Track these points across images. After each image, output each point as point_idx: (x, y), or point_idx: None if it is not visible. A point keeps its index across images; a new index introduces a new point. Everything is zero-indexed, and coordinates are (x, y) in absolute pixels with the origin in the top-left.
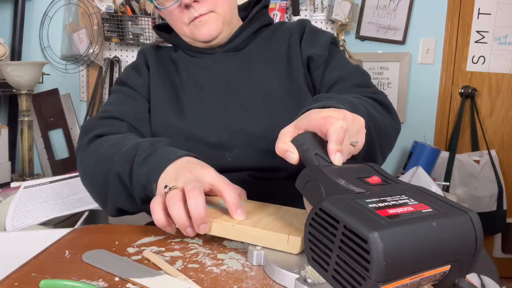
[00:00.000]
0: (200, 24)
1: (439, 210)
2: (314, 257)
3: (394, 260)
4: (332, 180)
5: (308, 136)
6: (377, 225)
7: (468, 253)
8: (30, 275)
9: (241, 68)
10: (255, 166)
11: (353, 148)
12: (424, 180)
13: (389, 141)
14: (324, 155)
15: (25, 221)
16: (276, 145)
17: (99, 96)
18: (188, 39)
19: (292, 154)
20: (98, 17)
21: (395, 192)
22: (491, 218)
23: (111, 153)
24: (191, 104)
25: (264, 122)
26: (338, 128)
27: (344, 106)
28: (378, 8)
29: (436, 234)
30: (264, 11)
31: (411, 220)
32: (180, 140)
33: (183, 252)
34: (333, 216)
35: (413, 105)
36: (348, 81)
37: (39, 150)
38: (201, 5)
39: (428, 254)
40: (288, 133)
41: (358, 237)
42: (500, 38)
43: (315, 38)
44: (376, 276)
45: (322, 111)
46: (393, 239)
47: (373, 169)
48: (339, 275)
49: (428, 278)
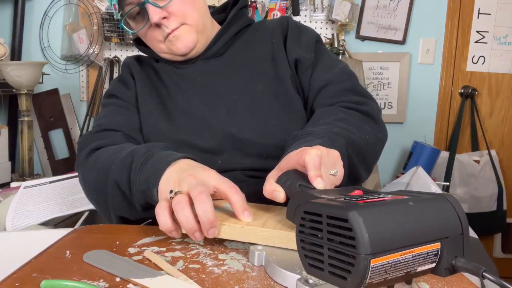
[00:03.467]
0: (175, 39)
1: (416, 196)
2: (310, 263)
3: (377, 232)
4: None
5: (289, 172)
6: (354, 206)
7: (455, 231)
8: (31, 275)
9: (223, 74)
10: (246, 168)
11: (334, 178)
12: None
13: (374, 156)
14: (307, 184)
15: (25, 221)
16: (263, 188)
17: (99, 96)
18: (166, 55)
19: (279, 192)
20: (98, 17)
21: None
22: (491, 218)
23: (108, 163)
24: (178, 111)
25: (252, 126)
26: (313, 155)
27: (322, 140)
28: (378, 8)
29: (414, 211)
30: (242, 12)
31: (387, 202)
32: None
33: (184, 252)
34: (316, 213)
35: (413, 105)
36: (336, 86)
37: (39, 150)
38: (170, 21)
39: (410, 228)
40: (272, 176)
41: (340, 219)
42: (500, 38)
43: (299, 37)
44: (363, 248)
45: (298, 149)
46: (371, 214)
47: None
48: (334, 268)
49: (421, 257)
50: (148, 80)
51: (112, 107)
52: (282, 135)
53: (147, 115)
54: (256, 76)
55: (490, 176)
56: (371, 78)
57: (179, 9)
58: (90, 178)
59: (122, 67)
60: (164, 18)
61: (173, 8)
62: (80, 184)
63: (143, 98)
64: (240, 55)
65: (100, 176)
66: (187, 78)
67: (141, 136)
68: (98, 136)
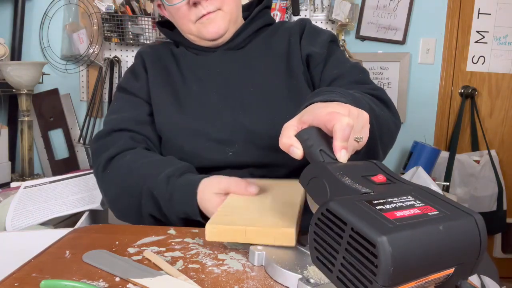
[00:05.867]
0: (208, 21)
1: (445, 213)
2: (318, 257)
3: (402, 265)
4: (337, 178)
5: (312, 131)
6: (385, 229)
7: (473, 256)
8: (31, 275)
9: (241, 66)
10: (256, 161)
11: (357, 144)
12: (424, 180)
13: (390, 137)
14: (329, 152)
15: (25, 221)
16: (279, 139)
17: (99, 96)
18: (193, 37)
19: (296, 149)
20: (98, 17)
21: (400, 193)
22: (491, 218)
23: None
24: (192, 99)
25: (265, 119)
26: (344, 125)
27: (347, 100)
28: (378, 8)
29: (442, 238)
30: (265, 11)
31: (418, 223)
32: (183, 136)
33: (184, 252)
34: (340, 218)
35: (413, 105)
36: (347, 78)
37: (39, 150)
38: (209, 3)
39: (434, 258)
40: (292, 127)
41: (366, 240)
42: (500, 38)
43: (314, 37)
44: (383, 280)
45: (327, 106)
46: (401, 243)
47: (378, 167)
48: (344, 277)
49: (432, 281)
50: (162, 69)
51: (120, 102)
52: None
53: (160, 106)
54: (271, 72)
55: (490, 176)
56: (371, 78)
57: None
58: (111, 193)
59: (135, 57)
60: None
61: None
62: (101, 194)
63: (156, 89)
64: (259, 50)
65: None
66: (205, 66)
67: (148, 129)
68: (108, 142)
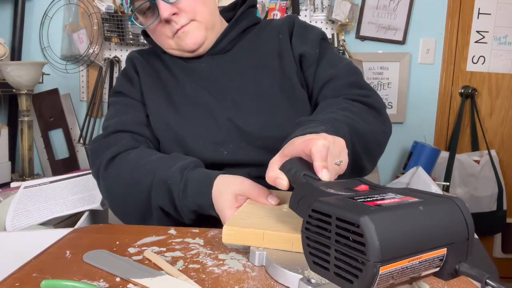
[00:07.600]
0: (184, 35)
1: (425, 199)
2: (314, 261)
3: (388, 239)
4: (322, 190)
5: (294, 160)
6: (366, 211)
7: (462, 236)
8: (31, 276)
9: (230, 69)
10: (252, 161)
11: (339, 168)
12: (424, 180)
13: (379, 147)
14: (312, 174)
15: (25, 221)
16: (266, 174)
17: (99, 96)
18: (175, 51)
19: (282, 180)
20: (98, 17)
21: (382, 192)
22: (491, 218)
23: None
24: (185, 100)
25: (258, 119)
26: (320, 146)
27: (326, 128)
28: (378, 8)
29: (424, 217)
30: (250, 11)
31: (398, 206)
32: (178, 137)
33: (184, 252)
34: (324, 213)
35: (413, 105)
36: (340, 81)
37: (39, 150)
38: (180, 17)
39: (419, 235)
40: (276, 162)
41: (351, 224)
42: (500, 38)
43: (305, 34)
44: (373, 256)
45: (303, 137)
46: (383, 220)
47: (361, 181)
48: (340, 269)
49: (427, 263)
50: (154, 72)
51: (118, 106)
52: (288, 128)
53: (154, 108)
54: (262, 71)
55: (490, 176)
56: (371, 78)
57: (189, 5)
58: (116, 191)
59: (126, 62)
60: (174, 14)
61: (183, 5)
62: (102, 194)
63: (149, 92)
64: (247, 51)
65: (130, 190)
66: (195, 71)
67: (149, 130)
68: (108, 142)
